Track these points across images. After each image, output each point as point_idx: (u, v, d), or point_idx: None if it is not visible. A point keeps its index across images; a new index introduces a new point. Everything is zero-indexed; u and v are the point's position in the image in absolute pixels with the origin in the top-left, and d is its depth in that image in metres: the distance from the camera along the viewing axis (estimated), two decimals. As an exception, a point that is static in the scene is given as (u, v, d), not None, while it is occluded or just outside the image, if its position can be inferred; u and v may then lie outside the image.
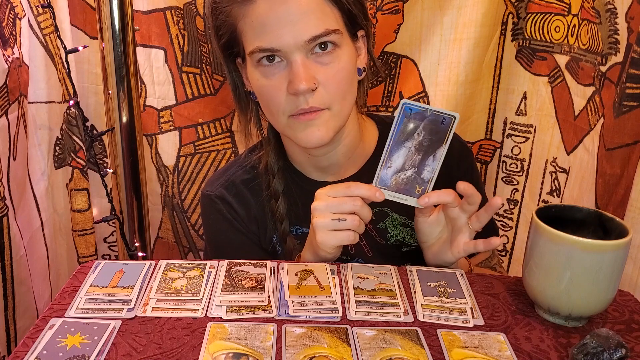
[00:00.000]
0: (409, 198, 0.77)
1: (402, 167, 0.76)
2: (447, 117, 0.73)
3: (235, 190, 0.97)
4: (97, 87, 1.29)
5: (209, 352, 0.62)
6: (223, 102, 1.35)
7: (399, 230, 0.95)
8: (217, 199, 0.96)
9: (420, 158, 0.75)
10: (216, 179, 1.00)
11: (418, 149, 0.75)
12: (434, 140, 0.75)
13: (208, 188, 0.98)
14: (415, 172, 0.76)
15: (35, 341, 0.64)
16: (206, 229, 1.02)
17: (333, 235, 0.78)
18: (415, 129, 0.75)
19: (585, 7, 1.09)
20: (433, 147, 0.75)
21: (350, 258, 0.95)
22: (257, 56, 0.83)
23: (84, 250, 1.30)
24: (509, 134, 1.33)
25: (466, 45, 1.24)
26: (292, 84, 0.80)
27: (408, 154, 0.75)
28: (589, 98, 1.08)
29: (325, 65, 0.82)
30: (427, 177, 0.76)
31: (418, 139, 0.75)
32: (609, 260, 0.66)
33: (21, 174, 1.11)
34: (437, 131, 0.75)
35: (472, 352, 0.64)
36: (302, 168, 0.97)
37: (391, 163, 0.76)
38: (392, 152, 0.76)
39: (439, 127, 0.74)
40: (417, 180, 0.76)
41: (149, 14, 1.28)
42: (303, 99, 0.82)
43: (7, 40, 1.02)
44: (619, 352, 0.60)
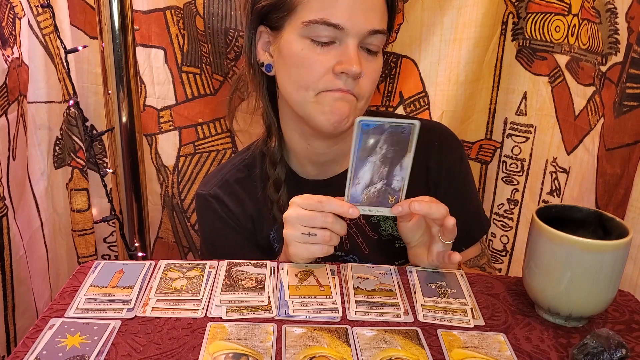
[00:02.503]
0: (383, 209, 0.77)
1: (370, 182, 0.75)
2: (407, 126, 0.72)
3: (230, 189, 0.97)
4: (97, 87, 1.29)
5: (208, 353, 0.62)
6: (223, 102, 1.35)
7: (392, 225, 0.95)
8: (211, 198, 0.96)
9: (388, 170, 0.74)
10: (210, 179, 0.99)
11: (383, 162, 0.74)
12: (397, 150, 0.74)
13: (202, 188, 0.98)
14: (385, 183, 0.75)
15: (35, 341, 0.64)
16: (201, 228, 1.02)
17: (305, 247, 0.78)
18: (376, 144, 0.73)
19: (586, 7, 1.09)
20: (398, 157, 0.74)
21: (345, 254, 0.95)
22: (316, 29, 0.81)
23: (84, 250, 1.30)
24: (509, 133, 1.33)
25: (466, 45, 1.24)
26: (343, 64, 0.81)
27: (374, 168, 0.74)
28: (589, 98, 1.08)
29: (369, 62, 0.84)
30: (398, 186, 0.75)
31: (381, 152, 0.74)
32: (609, 260, 0.66)
33: (21, 174, 1.10)
34: (399, 141, 0.73)
35: (472, 352, 0.64)
36: (297, 166, 0.97)
37: (359, 180, 0.75)
38: (357, 169, 0.74)
39: (400, 137, 0.73)
40: (388, 191, 0.76)
41: (149, 14, 1.28)
42: (344, 81, 0.82)
43: (6, 40, 1.01)
44: (619, 352, 0.60)
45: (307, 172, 0.97)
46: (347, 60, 0.81)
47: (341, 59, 0.81)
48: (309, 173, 0.97)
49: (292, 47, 0.84)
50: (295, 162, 0.97)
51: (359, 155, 0.74)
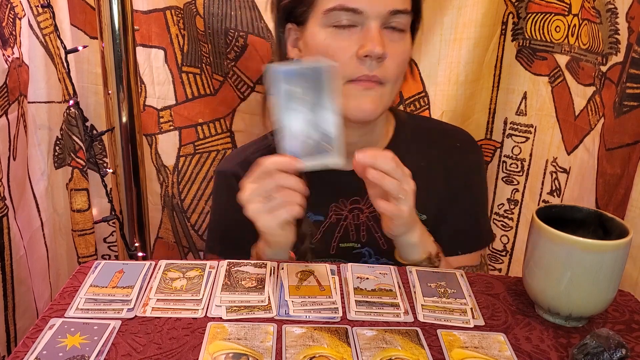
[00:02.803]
0: (324, 159, 0.73)
1: (303, 131, 0.72)
2: (317, 67, 0.70)
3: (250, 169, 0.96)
4: (97, 87, 1.28)
5: (208, 353, 0.62)
6: (223, 102, 1.35)
7: None
8: (231, 176, 0.96)
9: (316, 116, 0.71)
10: (232, 157, 1.00)
11: (310, 109, 0.71)
12: (320, 94, 0.71)
13: (222, 165, 0.99)
14: (318, 131, 0.72)
15: (35, 341, 0.64)
16: (214, 206, 1.02)
17: (272, 216, 0.75)
18: (297, 91, 0.71)
19: (586, 7, 1.08)
20: (322, 100, 0.71)
21: (361, 246, 0.96)
22: (335, 15, 0.82)
23: (84, 250, 1.30)
24: (509, 133, 1.33)
25: (466, 45, 1.24)
26: (365, 47, 0.81)
27: (302, 117, 0.71)
28: (590, 98, 1.08)
29: (394, 42, 0.83)
30: (333, 131, 0.72)
31: (305, 99, 0.71)
32: (609, 260, 0.66)
33: (21, 174, 1.10)
34: (319, 84, 0.71)
35: (472, 352, 0.64)
36: None
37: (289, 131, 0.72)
38: (285, 119, 0.71)
39: (317, 79, 0.71)
40: (322, 138, 0.72)
41: (149, 14, 1.28)
42: (369, 65, 0.82)
43: (7, 40, 1.01)
44: (619, 352, 0.60)
45: None
46: (369, 42, 0.81)
47: (363, 43, 0.81)
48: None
49: (316, 38, 0.85)
50: None
51: (283, 106, 0.71)
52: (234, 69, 1.29)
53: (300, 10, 0.87)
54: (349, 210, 0.96)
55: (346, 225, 0.96)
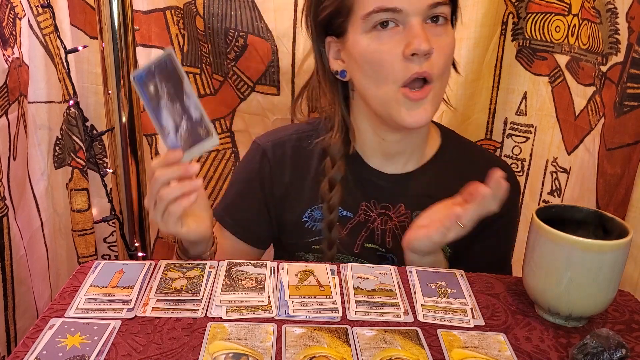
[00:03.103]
0: (204, 144, 0.74)
1: (176, 124, 0.74)
2: (164, 58, 0.73)
3: (282, 151, 0.97)
4: (97, 87, 1.28)
5: (208, 353, 0.62)
6: (223, 102, 1.35)
7: None
8: (261, 151, 0.97)
9: (179, 105, 0.74)
10: (272, 133, 1.01)
11: (171, 99, 0.74)
12: (174, 83, 0.73)
13: (262, 138, 1.00)
14: (186, 119, 0.74)
15: (35, 341, 0.64)
16: (236, 172, 1.04)
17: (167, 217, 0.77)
18: (156, 88, 0.74)
19: (586, 7, 1.08)
20: (178, 88, 0.73)
21: (386, 251, 0.96)
22: (375, 17, 0.82)
23: (84, 250, 1.30)
24: (509, 133, 1.33)
25: (466, 45, 1.24)
26: (411, 45, 0.80)
27: (169, 110, 0.74)
28: (590, 98, 1.08)
29: (438, 36, 0.83)
30: (197, 115, 0.74)
31: (165, 92, 0.74)
32: (609, 260, 0.66)
33: (21, 174, 1.10)
34: (169, 74, 0.73)
35: (472, 352, 0.64)
36: (364, 152, 0.96)
37: (166, 128, 0.75)
38: (159, 120, 0.75)
39: (168, 70, 0.73)
40: (194, 124, 0.74)
41: (149, 14, 1.28)
42: (417, 62, 0.81)
43: (7, 40, 1.01)
44: (619, 352, 0.60)
45: (374, 161, 0.96)
46: (414, 39, 0.80)
47: (409, 41, 0.80)
48: (375, 162, 0.96)
49: (359, 46, 0.85)
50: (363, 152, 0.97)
51: (151, 107, 0.74)
52: (234, 69, 1.29)
53: (338, 22, 0.87)
54: (377, 214, 0.96)
55: (374, 227, 0.96)
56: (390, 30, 0.82)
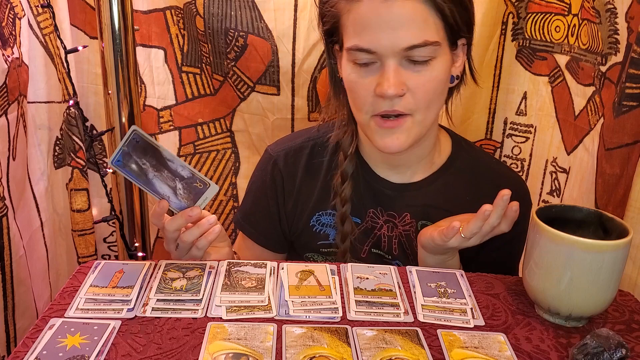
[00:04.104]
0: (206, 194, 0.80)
1: (172, 188, 0.79)
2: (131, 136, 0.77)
3: (293, 159, 0.99)
4: (97, 87, 1.28)
5: (208, 353, 0.62)
6: (223, 102, 1.35)
7: None
8: (271, 160, 1.00)
9: (166, 171, 0.79)
10: (283, 142, 1.03)
11: (157, 169, 0.78)
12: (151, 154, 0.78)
13: (273, 146, 1.02)
14: (179, 180, 0.79)
15: (35, 341, 0.64)
16: (250, 181, 1.06)
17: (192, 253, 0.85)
18: (137, 164, 0.78)
19: (585, 7, 1.08)
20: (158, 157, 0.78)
21: (392, 258, 0.97)
22: (354, 54, 0.83)
23: (84, 250, 1.30)
24: (509, 133, 1.33)
25: (466, 45, 1.24)
26: (381, 86, 0.81)
27: (160, 179, 0.79)
28: (589, 98, 1.08)
29: (417, 73, 0.82)
30: (187, 173, 0.78)
31: (148, 165, 0.78)
32: (609, 260, 0.66)
33: (21, 174, 1.10)
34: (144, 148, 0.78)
35: (472, 352, 0.64)
36: (370, 160, 0.97)
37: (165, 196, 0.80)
38: (154, 191, 0.80)
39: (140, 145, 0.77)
40: (189, 181, 0.79)
41: (149, 14, 1.28)
42: (389, 102, 0.82)
43: (6, 40, 1.01)
44: (619, 352, 0.60)
45: (380, 170, 0.97)
46: (384, 82, 0.81)
47: (380, 81, 0.82)
48: (382, 171, 0.97)
49: (344, 70, 0.87)
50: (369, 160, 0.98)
51: (142, 183, 0.79)
52: (234, 69, 1.29)
53: (335, 38, 0.89)
54: (384, 221, 0.97)
55: (380, 234, 0.97)
56: (368, 66, 0.83)
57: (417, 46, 0.80)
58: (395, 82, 0.80)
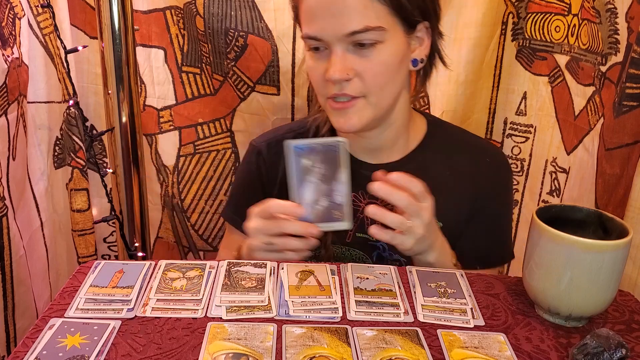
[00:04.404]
0: (334, 224, 0.81)
1: (314, 200, 0.79)
2: (335, 144, 0.78)
3: (276, 149, 1.00)
4: (97, 87, 1.28)
5: (208, 353, 0.62)
6: (223, 102, 1.35)
7: None
8: (256, 151, 1.03)
9: (328, 186, 0.79)
10: (266, 134, 1.07)
11: (322, 180, 0.79)
12: (331, 167, 0.79)
13: (257, 139, 1.06)
14: (328, 199, 0.79)
15: (35, 341, 0.64)
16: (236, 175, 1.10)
17: (267, 255, 0.83)
18: (311, 164, 0.79)
19: (586, 7, 1.09)
20: (334, 173, 0.78)
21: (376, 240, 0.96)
22: (307, 42, 0.88)
23: (84, 250, 1.30)
24: (509, 133, 1.33)
25: (466, 45, 1.24)
26: (327, 71, 0.84)
27: (315, 187, 0.79)
28: (589, 98, 1.08)
29: (364, 58, 0.84)
30: (341, 200, 0.79)
31: (318, 171, 0.79)
32: (609, 260, 0.66)
33: (21, 174, 1.10)
34: (332, 158, 0.78)
35: (472, 352, 0.64)
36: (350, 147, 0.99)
37: (303, 200, 0.79)
38: (299, 190, 0.79)
39: (331, 155, 0.78)
40: (332, 206, 0.79)
41: (149, 14, 1.28)
42: (338, 86, 0.85)
43: (6, 40, 1.01)
44: (619, 352, 0.60)
45: (359, 154, 0.99)
46: (330, 67, 0.84)
47: (327, 66, 0.85)
48: (360, 155, 0.99)
49: (306, 56, 0.91)
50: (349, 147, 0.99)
51: (298, 177, 0.79)
52: (234, 69, 1.29)
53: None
54: (366, 204, 0.96)
55: (363, 217, 0.97)
56: (322, 52, 0.87)
57: (359, 32, 0.82)
58: (340, 67, 0.83)
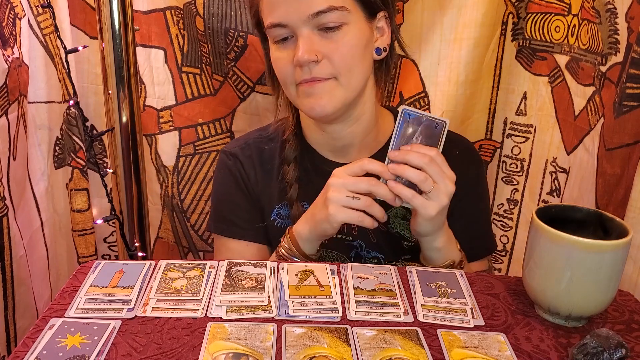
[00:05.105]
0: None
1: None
2: (440, 122, 0.81)
3: (249, 152, 1.01)
4: (97, 87, 1.28)
5: (208, 352, 0.62)
6: (223, 102, 1.35)
7: (400, 222, 0.97)
8: (230, 155, 1.01)
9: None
10: (236, 140, 1.06)
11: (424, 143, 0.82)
12: (429, 143, 0.82)
13: (227, 146, 1.04)
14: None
15: (35, 341, 0.64)
16: (214, 185, 1.07)
17: (344, 211, 0.82)
18: (413, 133, 0.82)
19: (585, 7, 1.09)
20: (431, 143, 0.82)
21: (353, 239, 0.97)
22: (271, 32, 0.88)
23: (84, 250, 1.30)
24: (509, 133, 1.33)
25: (466, 45, 1.24)
26: (295, 55, 0.85)
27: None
28: (589, 98, 1.08)
29: (330, 39, 0.85)
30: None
31: (416, 142, 0.82)
32: (609, 260, 0.66)
33: (21, 174, 1.11)
34: (432, 135, 0.82)
35: (472, 352, 0.64)
36: (318, 148, 1.00)
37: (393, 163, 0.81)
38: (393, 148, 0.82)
39: (433, 131, 0.82)
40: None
41: (149, 14, 1.28)
42: (307, 70, 0.86)
43: (7, 40, 1.02)
44: (619, 352, 0.60)
45: (328, 154, 1.00)
46: (297, 50, 0.84)
47: (295, 51, 0.85)
48: (329, 155, 0.99)
49: (271, 52, 0.91)
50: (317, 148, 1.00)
51: (397, 141, 0.82)
52: (234, 69, 1.30)
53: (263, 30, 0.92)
54: None
55: None
56: (287, 41, 0.87)
57: (323, 12, 0.83)
58: (307, 48, 0.84)
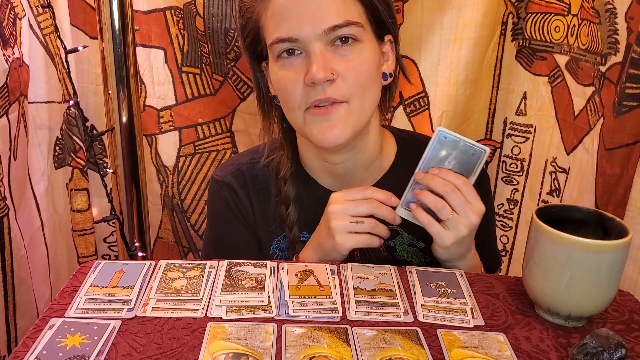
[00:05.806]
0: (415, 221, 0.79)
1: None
2: (478, 150, 0.76)
3: (244, 181, 0.95)
4: (97, 87, 1.29)
5: (208, 352, 0.62)
6: (223, 102, 1.35)
7: (407, 249, 0.93)
8: (224, 185, 0.95)
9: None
10: (228, 166, 0.98)
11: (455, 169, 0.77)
12: (462, 170, 0.77)
13: (218, 173, 0.97)
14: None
15: (35, 341, 0.64)
16: (209, 214, 1.00)
17: (351, 237, 0.79)
18: (446, 157, 0.77)
19: (585, 7, 1.09)
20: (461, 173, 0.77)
21: None
22: (277, 47, 0.80)
23: (84, 250, 1.30)
24: (509, 133, 1.33)
25: (466, 45, 1.24)
26: (309, 73, 0.78)
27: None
28: (589, 98, 1.08)
29: (345, 57, 0.79)
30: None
31: (448, 167, 0.77)
32: (609, 260, 0.66)
33: (21, 174, 1.11)
34: (467, 162, 0.77)
35: (472, 352, 0.64)
36: (315, 174, 0.94)
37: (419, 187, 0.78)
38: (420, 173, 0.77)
39: (469, 158, 0.76)
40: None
41: (149, 14, 1.28)
42: (320, 89, 0.79)
43: (7, 40, 1.02)
44: (619, 352, 0.60)
45: (326, 182, 0.94)
46: (311, 67, 0.78)
47: (308, 68, 0.78)
48: (327, 183, 0.94)
49: (272, 72, 0.84)
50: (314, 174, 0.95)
51: (428, 163, 0.77)
52: (234, 69, 1.30)
53: (259, 49, 0.86)
54: None
55: None
56: (296, 57, 0.80)
57: (340, 26, 0.78)
58: (323, 65, 0.77)
